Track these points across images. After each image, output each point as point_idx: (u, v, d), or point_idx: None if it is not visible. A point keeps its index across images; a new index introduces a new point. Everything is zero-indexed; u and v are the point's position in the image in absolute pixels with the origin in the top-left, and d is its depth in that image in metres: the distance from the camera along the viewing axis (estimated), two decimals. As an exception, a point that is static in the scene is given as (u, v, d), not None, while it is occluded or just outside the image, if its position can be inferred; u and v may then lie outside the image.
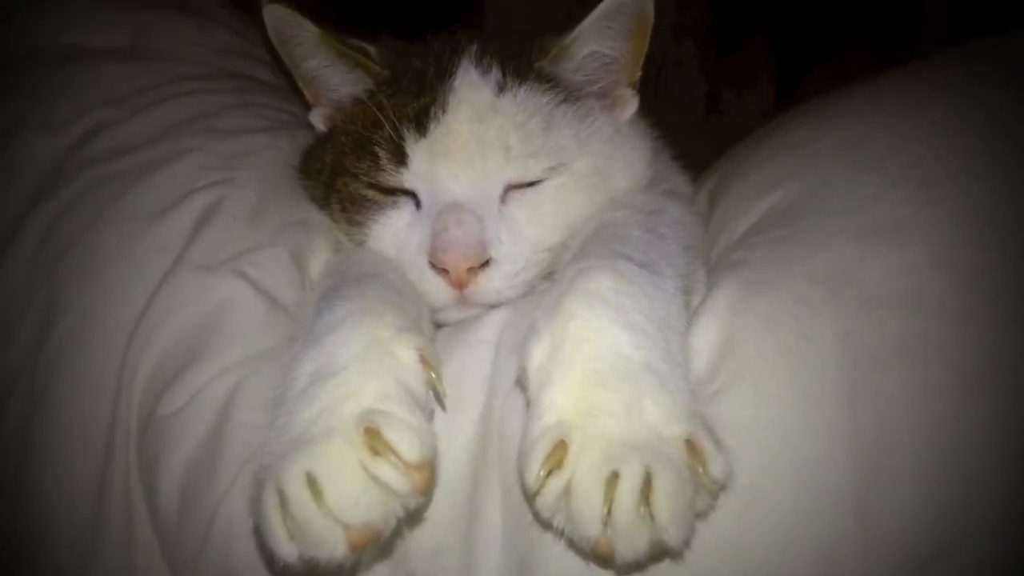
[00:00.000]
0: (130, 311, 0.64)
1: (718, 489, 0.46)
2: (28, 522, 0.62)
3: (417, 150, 0.67)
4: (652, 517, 0.43)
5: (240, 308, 0.63)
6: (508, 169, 0.66)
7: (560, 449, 0.45)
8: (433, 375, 0.53)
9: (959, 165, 0.58)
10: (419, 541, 0.53)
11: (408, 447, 0.46)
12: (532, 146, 0.67)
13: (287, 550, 0.45)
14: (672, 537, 0.43)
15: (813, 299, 0.53)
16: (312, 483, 0.45)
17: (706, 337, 0.54)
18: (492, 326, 0.61)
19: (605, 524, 0.43)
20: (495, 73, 0.70)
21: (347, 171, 0.70)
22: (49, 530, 0.61)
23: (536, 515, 0.48)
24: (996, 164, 0.57)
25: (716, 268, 0.61)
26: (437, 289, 0.64)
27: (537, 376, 0.50)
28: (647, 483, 0.43)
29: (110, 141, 0.76)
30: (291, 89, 0.83)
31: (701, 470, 0.45)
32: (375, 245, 0.69)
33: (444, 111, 0.67)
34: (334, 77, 0.74)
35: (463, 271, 0.63)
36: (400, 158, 0.67)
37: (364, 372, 0.50)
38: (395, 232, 0.68)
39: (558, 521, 0.46)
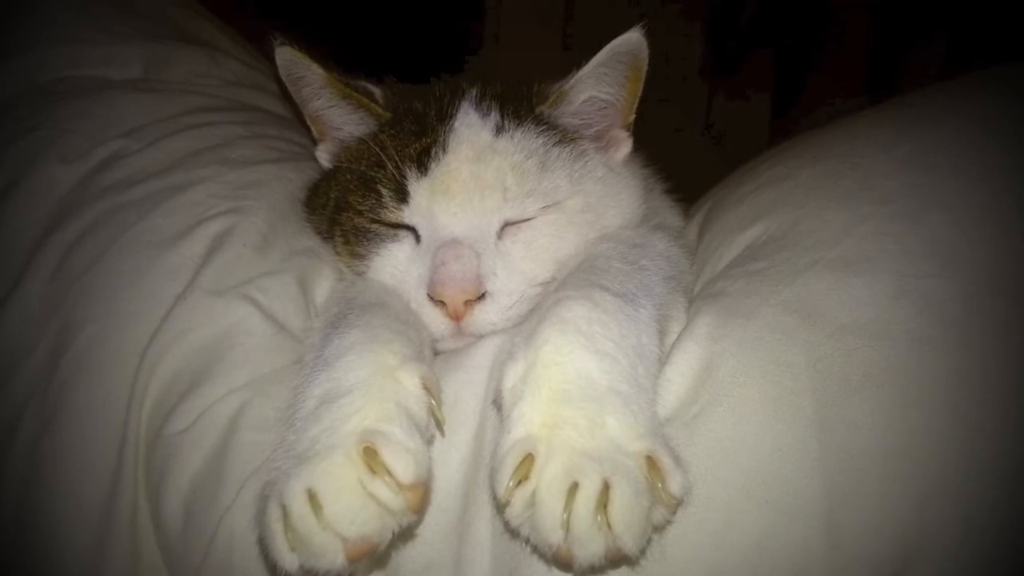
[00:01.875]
0: (142, 334, 0.66)
1: (676, 504, 0.48)
2: (37, 536, 0.63)
3: (418, 188, 0.69)
4: (609, 526, 0.45)
5: (248, 332, 0.66)
6: (505, 208, 0.68)
7: (528, 463, 0.48)
8: (434, 402, 0.55)
9: (925, 200, 0.60)
10: (411, 556, 0.55)
11: (403, 468, 0.49)
12: (528, 186, 0.69)
13: (289, 561, 0.48)
14: (627, 545, 0.45)
15: (787, 327, 0.56)
16: (313, 498, 0.47)
17: (687, 362, 0.56)
18: (487, 351, 0.63)
19: (566, 532, 0.46)
20: (494, 115, 0.72)
21: (351, 207, 0.72)
22: (57, 543, 0.63)
23: (506, 525, 0.50)
24: (960, 199, 0.60)
25: (698, 298, 0.64)
26: (435, 320, 0.66)
27: (510, 395, 0.52)
28: (605, 493, 0.46)
29: (124, 171, 0.78)
30: (299, 121, 0.85)
31: (660, 485, 0.47)
32: (376, 276, 0.71)
33: (445, 151, 0.69)
34: (339, 117, 0.77)
35: (460, 304, 0.65)
36: (402, 196, 0.70)
37: (368, 395, 0.52)
38: (395, 265, 0.70)
39: (524, 530, 0.48)
